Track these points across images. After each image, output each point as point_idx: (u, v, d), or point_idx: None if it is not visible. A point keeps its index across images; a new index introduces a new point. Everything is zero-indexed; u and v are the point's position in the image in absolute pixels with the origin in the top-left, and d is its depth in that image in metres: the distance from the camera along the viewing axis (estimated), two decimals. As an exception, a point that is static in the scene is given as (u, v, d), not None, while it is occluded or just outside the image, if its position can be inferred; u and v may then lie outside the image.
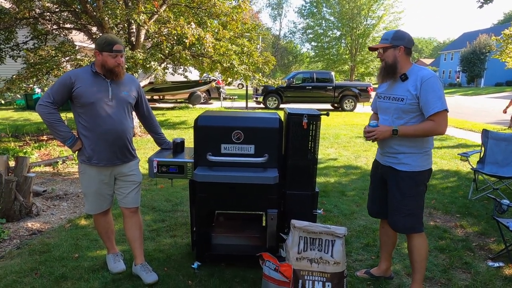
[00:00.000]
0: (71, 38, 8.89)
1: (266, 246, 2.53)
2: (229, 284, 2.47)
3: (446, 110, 2.07)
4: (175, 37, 7.13)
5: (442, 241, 3.20)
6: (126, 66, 6.64)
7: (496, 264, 2.80)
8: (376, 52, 2.28)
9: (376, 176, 2.45)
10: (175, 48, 7.11)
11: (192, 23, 6.80)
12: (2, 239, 3.08)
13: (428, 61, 55.48)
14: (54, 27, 8.24)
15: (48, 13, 7.79)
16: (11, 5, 7.61)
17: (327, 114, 2.60)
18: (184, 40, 6.79)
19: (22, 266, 2.64)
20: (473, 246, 3.12)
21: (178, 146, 2.70)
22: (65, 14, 8.08)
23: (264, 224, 2.94)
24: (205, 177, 2.29)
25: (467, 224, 3.57)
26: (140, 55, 6.58)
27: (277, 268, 2.17)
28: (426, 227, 3.46)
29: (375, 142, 2.36)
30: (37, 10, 7.57)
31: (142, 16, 6.59)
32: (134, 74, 6.79)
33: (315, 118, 2.43)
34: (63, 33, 8.64)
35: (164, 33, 6.91)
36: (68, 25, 8.32)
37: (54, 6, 7.71)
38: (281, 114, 2.77)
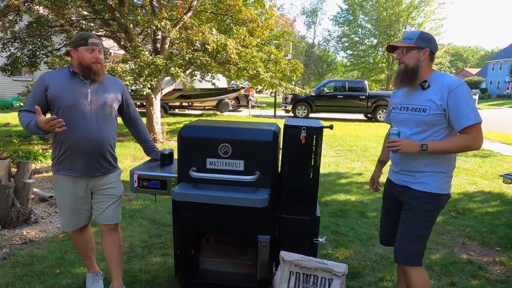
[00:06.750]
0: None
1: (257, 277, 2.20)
2: (212, 318, 2.16)
3: (480, 123, 1.82)
4: (198, 43, 7.02)
5: (475, 281, 2.68)
6: (146, 71, 6.65)
7: (544, 317, 2.27)
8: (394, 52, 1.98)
9: (389, 198, 2.17)
10: (195, 54, 6.98)
11: (214, 29, 6.64)
12: (-7, 247, 2.99)
13: (474, 70, 52.25)
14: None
15: (82, 21, 8.01)
16: (45, 11, 7.90)
17: (331, 127, 2.24)
18: (206, 46, 6.66)
19: (-1, 280, 2.50)
20: (515, 290, 2.59)
21: (166, 158, 2.45)
22: (98, 22, 8.28)
23: (260, 249, 2.60)
24: (183, 195, 2.01)
25: (508, 261, 3.01)
26: (160, 60, 6.51)
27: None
28: (456, 261, 2.96)
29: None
30: (73, 18, 7.81)
31: (164, 22, 6.54)
32: (154, 80, 6.70)
33: (316, 132, 2.08)
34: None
35: (184, 39, 6.81)
36: (99, 32, 8.52)
37: (88, 14, 7.91)
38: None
